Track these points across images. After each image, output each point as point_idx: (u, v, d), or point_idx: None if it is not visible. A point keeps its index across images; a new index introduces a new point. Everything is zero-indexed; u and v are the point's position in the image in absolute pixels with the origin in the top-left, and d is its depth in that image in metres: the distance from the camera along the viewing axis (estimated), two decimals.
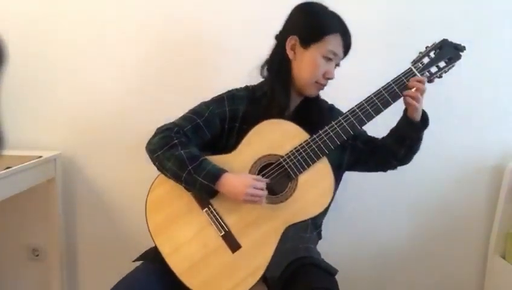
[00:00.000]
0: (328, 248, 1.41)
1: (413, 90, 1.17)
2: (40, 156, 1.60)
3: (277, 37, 1.27)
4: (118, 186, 1.77)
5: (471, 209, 1.77)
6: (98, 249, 1.82)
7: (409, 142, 1.26)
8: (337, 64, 1.26)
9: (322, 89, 1.27)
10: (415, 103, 1.17)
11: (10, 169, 1.43)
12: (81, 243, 1.83)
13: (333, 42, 1.20)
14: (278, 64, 1.26)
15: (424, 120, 1.23)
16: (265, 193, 1.14)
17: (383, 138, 1.32)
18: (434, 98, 1.67)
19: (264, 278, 1.17)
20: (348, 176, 1.70)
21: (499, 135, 1.72)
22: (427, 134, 1.69)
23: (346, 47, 1.23)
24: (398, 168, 1.35)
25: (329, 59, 1.21)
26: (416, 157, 1.70)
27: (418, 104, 1.18)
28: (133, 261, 1.22)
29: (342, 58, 1.26)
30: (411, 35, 1.61)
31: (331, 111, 1.35)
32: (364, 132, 1.35)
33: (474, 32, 1.65)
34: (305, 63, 1.22)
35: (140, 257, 1.23)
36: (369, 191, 1.73)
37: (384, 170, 1.38)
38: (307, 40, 1.21)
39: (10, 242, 1.83)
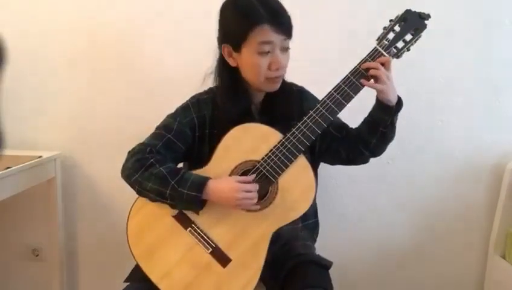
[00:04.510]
0: (328, 247, 1.41)
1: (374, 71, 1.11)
2: (40, 156, 1.61)
3: (218, 45, 1.22)
4: (118, 186, 1.74)
5: (471, 209, 1.76)
6: (98, 249, 1.82)
7: (382, 128, 1.19)
8: (286, 49, 1.17)
9: (280, 80, 1.21)
10: (378, 86, 1.12)
11: (10, 169, 1.43)
12: (81, 243, 1.83)
13: (260, 34, 1.11)
14: (220, 73, 1.23)
15: (398, 104, 1.17)
16: (256, 195, 1.11)
17: (357, 126, 1.27)
18: (434, 98, 1.70)
19: (262, 279, 1.17)
20: (349, 175, 1.71)
21: (499, 134, 1.72)
22: (427, 134, 1.71)
23: (282, 28, 1.13)
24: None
25: (266, 52, 1.14)
26: (417, 157, 1.73)
27: (384, 87, 1.11)
28: (124, 281, 1.19)
29: (286, 39, 1.16)
30: None
31: (301, 94, 1.31)
32: (338, 118, 1.29)
33: (475, 32, 1.65)
34: (245, 66, 1.17)
35: (129, 278, 1.20)
36: (369, 191, 1.73)
37: (356, 162, 1.30)
38: (236, 44, 1.15)
39: (10, 242, 1.83)
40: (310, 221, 1.35)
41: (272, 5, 1.13)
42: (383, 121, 1.18)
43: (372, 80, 1.14)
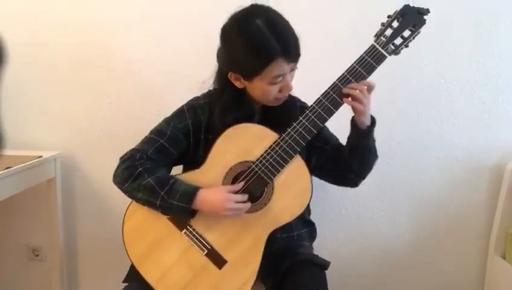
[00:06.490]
0: (329, 247, 1.41)
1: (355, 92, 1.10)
2: (40, 156, 1.60)
3: (218, 59, 1.19)
4: None
5: (471, 209, 1.76)
6: (98, 249, 1.82)
7: (361, 152, 1.20)
8: (293, 69, 1.15)
9: (285, 98, 1.20)
10: (357, 105, 1.11)
11: (10, 169, 1.43)
12: (81, 243, 1.83)
13: (275, 68, 1.08)
14: (222, 89, 1.20)
15: (371, 124, 1.17)
16: (248, 205, 1.11)
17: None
18: (434, 98, 1.70)
19: (261, 278, 1.17)
20: None
21: (499, 135, 1.72)
22: (427, 134, 1.71)
23: (293, 57, 1.11)
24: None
25: (279, 82, 1.12)
26: (417, 157, 1.73)
27: (363, 108, 1.11)
28: (123, 281, 1.19)
29: (295, 63, 1.14)
30: None
31: (302, 110, 1.27)
32: (336, 138, 1.31)
33: (474, 32, 1.65)
34: (255, 91, 1.16)
35: (127, 278, 1.20)
36: (369, 191, 1.73)
37: (343, 184, 1.32)
38: (249, 76, 1.12)
39: (10, 242, 1.83)
40: (304, 230, 1.33)
41: (283, 34, 1.08)
42: (361, 145, 1.19)
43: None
